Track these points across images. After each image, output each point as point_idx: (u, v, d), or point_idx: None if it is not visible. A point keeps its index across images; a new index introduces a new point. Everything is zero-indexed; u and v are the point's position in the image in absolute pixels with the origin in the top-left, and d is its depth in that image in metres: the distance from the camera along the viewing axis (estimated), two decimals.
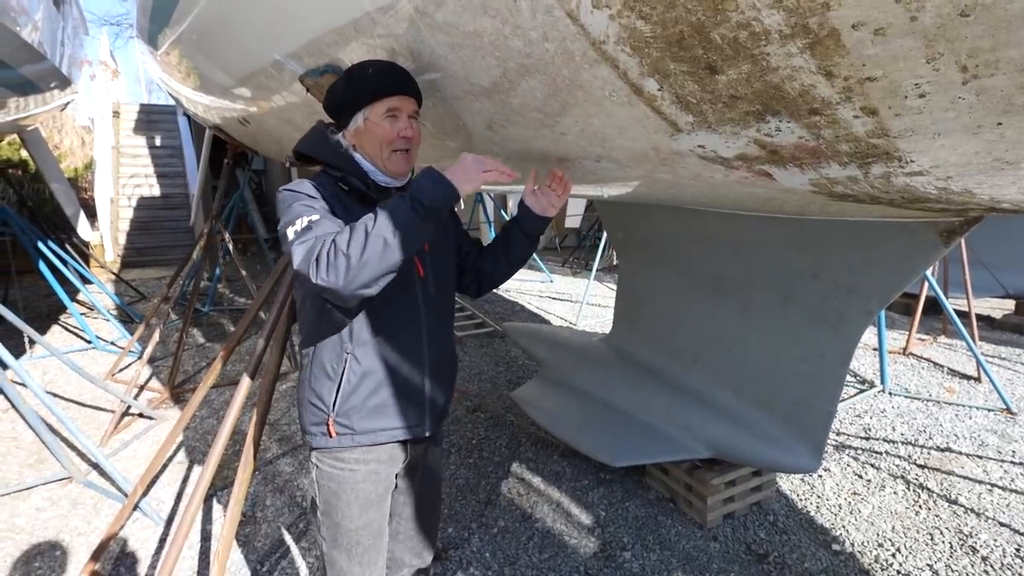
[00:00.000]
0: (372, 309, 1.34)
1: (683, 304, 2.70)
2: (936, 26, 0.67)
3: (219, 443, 1.89)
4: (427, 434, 1.50)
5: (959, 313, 5.06)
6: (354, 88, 1.32)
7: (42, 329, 5.73)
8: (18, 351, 4.52)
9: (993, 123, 0.79)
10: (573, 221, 11.89)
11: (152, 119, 11.14)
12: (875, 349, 4.70)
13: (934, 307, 5.70)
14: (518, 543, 2.47)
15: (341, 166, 1.35)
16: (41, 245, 5.31)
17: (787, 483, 2.90)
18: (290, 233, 1.19)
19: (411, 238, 1.16)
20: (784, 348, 2.18)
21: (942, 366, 4.72)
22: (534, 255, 8.82)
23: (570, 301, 7.30)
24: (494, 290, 1.94)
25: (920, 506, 2.72)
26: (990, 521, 2.60)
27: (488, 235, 9.55)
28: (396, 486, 1.53)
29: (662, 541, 2.47)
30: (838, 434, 3.46)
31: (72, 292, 5.90)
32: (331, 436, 1.36)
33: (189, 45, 2.42)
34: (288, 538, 2.48)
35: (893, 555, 2.37)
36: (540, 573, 2.29)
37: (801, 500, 2.76)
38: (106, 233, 9.40)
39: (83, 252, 7.45)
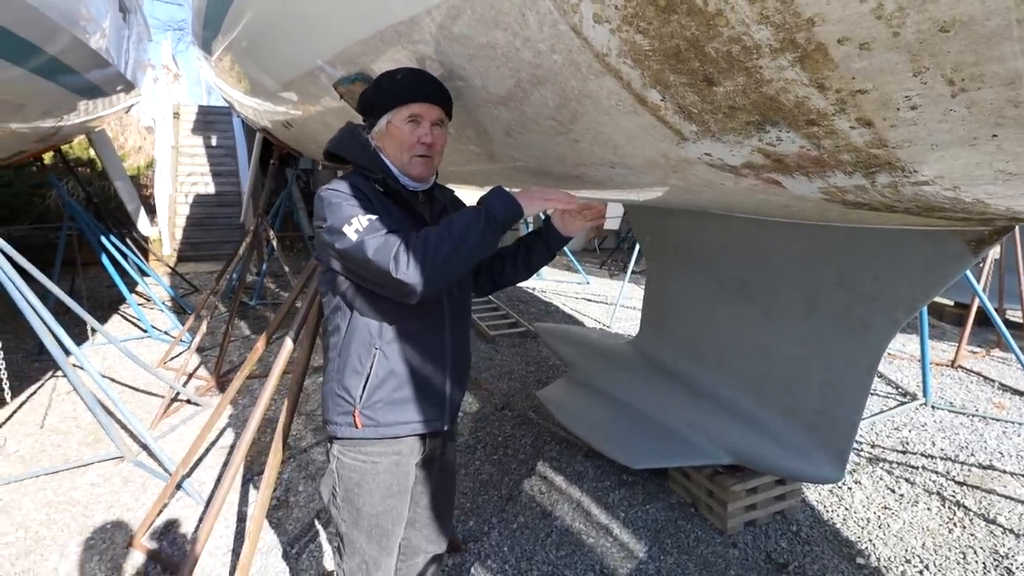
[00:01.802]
0: (401, 308, 1.39)
1: (708, 308, 2.68)
2: (918, 41, 0.68)
3: (249, 430, 2.01)
4: (445, 428, 1.56)
5: (1015, 325, 4.81)
6: (382, 93, 1.41)
7: (103, 318, 6.12)
8: (81, 338, 4.84)
9: (988, 135, 0.79)
10: (612, 223, 11.72)
11: (209, 120, 11.68)
12: (919, 360, 4.52)
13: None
14: (536, 539, 2.51)
15: (371, 167, 1.43)
16: (104, 239, 5.66)
17: (814, 494, 2.84)
18: (349, 231, 1.27)
19: (484, 248, 1.31)
20: (808, 356, 2.15)
21: (993, 380, 4.49)
22: (572, 257, 8.83)
23: (605, 303, 7.29)
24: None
25: (955, 524, 2.62)
26: None
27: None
28: (415, 477, 1.60)
29: (680, 545, 2.46)
30: (873, 446, 3.36)
31: (131, 284, 6.25)
32: (357, 427, 1.43)
33: (238, 52, 2.57)
34: (317, 523, 2.59)
35: (921, 572, 2.30)
36: (556, 570, 2.32)
37: (828, 512, 2.70)
38: (164, 228, 9.90)
39: (142, 246, 7.88)
